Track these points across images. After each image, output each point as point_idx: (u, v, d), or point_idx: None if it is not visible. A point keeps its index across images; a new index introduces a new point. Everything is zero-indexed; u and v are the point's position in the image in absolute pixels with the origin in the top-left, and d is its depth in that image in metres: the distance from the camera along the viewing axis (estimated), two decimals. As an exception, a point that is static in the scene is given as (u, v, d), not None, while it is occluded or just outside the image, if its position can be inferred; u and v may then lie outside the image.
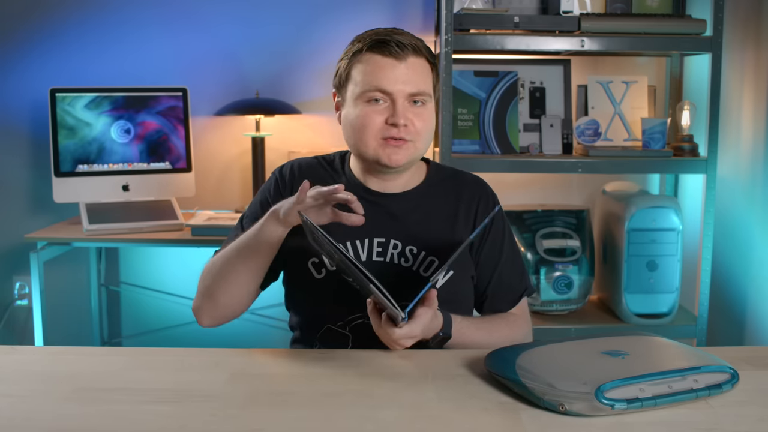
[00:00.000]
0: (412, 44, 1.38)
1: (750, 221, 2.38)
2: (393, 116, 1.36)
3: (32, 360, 1.28)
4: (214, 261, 1.43)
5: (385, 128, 1.37)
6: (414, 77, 1.38)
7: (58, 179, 2.59)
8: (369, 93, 1.37)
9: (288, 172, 1.49)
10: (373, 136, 1.38)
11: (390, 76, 1.36)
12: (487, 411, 1.05)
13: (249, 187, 2.85)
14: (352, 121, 1.40)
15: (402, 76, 1.36)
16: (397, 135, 1.37)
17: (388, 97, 1.37)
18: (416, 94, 1.38)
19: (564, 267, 2.48)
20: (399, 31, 1.40)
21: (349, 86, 1.41)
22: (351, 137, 1.42)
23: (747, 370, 1.18)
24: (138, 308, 2.95)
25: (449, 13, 2.34)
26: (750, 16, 2.39)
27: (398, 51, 1.36)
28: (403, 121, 1.36)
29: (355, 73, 1.39)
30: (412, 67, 1.37)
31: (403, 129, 1.37)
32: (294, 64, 2.82)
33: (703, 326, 2.43)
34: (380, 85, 1.36)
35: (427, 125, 1.40)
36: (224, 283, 1.40)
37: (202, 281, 1.44)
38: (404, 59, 1.37)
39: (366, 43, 1.38)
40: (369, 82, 1.37)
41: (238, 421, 1.01)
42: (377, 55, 1.37)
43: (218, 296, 1.41)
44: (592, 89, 2.68)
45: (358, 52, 1.39)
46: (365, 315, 1.40)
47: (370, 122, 1.37)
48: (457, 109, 2.54)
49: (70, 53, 2.83)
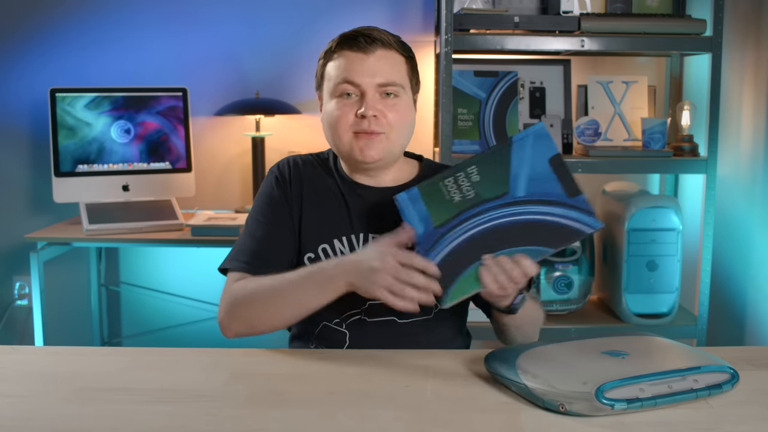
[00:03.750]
0: (380, 38, 1.39)
1: (750, 221, 2.38)
2: (361, 108, 1.37)
3: (32, 360, 1.27)
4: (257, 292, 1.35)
5: (356, 121, 1.38)
6: (383, 68, 1.38)
7: (58, 179, 2.59)
8: (339, 86, 1.39)
9: (286, 168, 1.49)
10: (344, 130, 1.39)
11: (358, 69, 1.38)
12: (487, 411, 1.05)
13: (249, 187, 2.85)
14: (327, 118, 1.42)
15: (370, 68, 1.38)
16: (367, 128, 1.37)
17: (358, 89, 1.38)
18: (386, 84, 1.38)
19: (564, 267, 2.48)
20: (372, 29, 1.42)
21: (324, 84, 1.44)
22: (328, 134, 1.44)
23: (747, 370, 1.18)
24: (138, 308, 2.95)
25: (449, 13, 2.34)
26: (750, 16, 2.39)
27: (366, 44, 1.38)
28: (371, 112, 1.36)
29: (328, 70, 1.42)
30: (381, 58, 1.38)
31: (373, 120, 1.37)
32: (294, 64, 2.83)
33: (703, 326, 2.43)
34: (348, 77, 1.38)
35: (401, 117, 1.40)
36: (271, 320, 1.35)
37: (241, 308, 1.35)
38: (372, 52, 1.38)
39: (336, 40, 1.41)
40: (338, 76, 1.39)
41: (238, 421, 1.01)
42: (346, 50, 1.39)
43: (260, 327, 1.36)
44: (592, 89, 2.68)
45: (330, 51, 1.42)
46: (361, 311, 1.41)
47: (341, 116, 1.38)
48: (457, 109, 2.54)
49: (70, 53, 2.83)
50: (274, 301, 1.33)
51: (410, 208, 1.28)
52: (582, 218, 1.22)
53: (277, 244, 1.43)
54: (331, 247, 1.43)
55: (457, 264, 1.24)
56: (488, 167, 1.27)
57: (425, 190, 1.28)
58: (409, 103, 1.43)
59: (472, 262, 1.23)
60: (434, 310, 1.43)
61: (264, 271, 1.38)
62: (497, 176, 1.26)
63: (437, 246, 1.24)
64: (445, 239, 1.24)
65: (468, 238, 1.24)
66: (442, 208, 1.26)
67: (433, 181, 1.28)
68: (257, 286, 1.35)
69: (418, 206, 1.27)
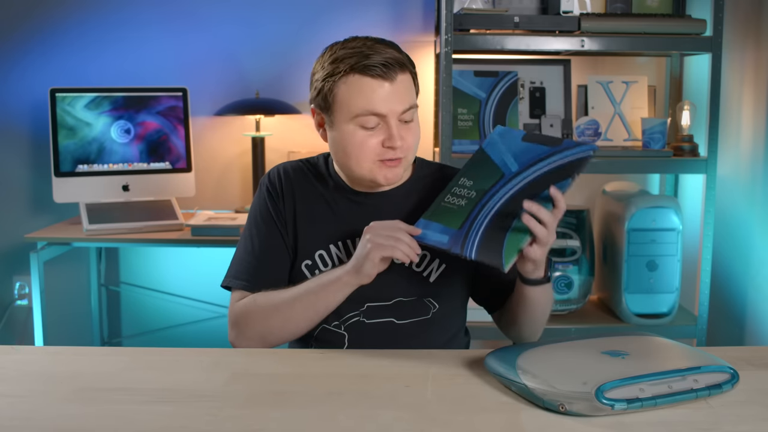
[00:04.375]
0: (397, 61, 1.35)
1: (750, 221, 2.38)
2: (390, 139, 1.35)
3: (32, 360, 1.27)
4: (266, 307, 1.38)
5: (382, 151, 1.36)
6: (403, 94, 1.36)
7: (58, 179, 2.59)
8: (362, 118, 1.34)
9: (276, 178, 1.48)
10: (367, 159, 1.37)
11: (380, 99, 1.33)
12: (487, 411, 1.05)
13: (249, 187, 2.85)
14: (344, 145, 1.38)
15: (392, 96, 1.34)
16: (393, 156, 1.37)
17: (381, 119, 1.35)
18: (407, 110, 1.37)
19: (564, 267, 2.48)
20: (378, 47, 1.36)
21: (336, 109, 1.36)
22: (342, 159, 1.40)
23: (747, 370, 1.18)
24: (138, 308, 2.95)
25: (449, 13, 2.34)
26: (750, 16, 2.39)
27: (385, 71, 1.33)
28: (400, 143, 1.36)
29: (343, 96, 1.35)
30: (400, 83, 1.35)
31: (399, 149, 1.37)
32: (294, 64, 2.83)
33: (703, 326, 2.43)
34: (373, 109, 1.33)
35: (416, 137, 1.41)
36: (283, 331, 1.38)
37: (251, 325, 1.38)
38: (393, 79, 1.34)
39: (350, 64, 1.33)
40: (361, 107, 1.34)
41: (238, 421, 1.01)
42: (365, 77, 1.33)
43: (273, 340, 1.39)
44: (592, 89, 2.68)
45: (339, 72, 1.34)
46: (360, 313, 1.41)
47: (365, 147, 1.36)
48: (457, 109, 2.54)
49: (70, 53, 2.83)
50: (283, 312, 1.36)
51: (427, 231, 1.30)
52: (577, 150, 1.27)
53: (274, 257, 1.44)
54: (328, 253, 1.43)
55: (496, 235, 1.25)
56: (475, 170, 1.33)
57: (431, 215, 1.32)
58: (418, 118, 1.43)
59: (508, 225, 1.25)
60: (433, 311, 1.43)
61: (264, 285, 1.41)
62: (487, 171, 1.32)
63: (469, 237, 1.26)
64: (473, 229, 1.26)
65: (492, 216, 1.26)
66: (454, 216, 1.30)
67: (435, 205, 1.33)
68: (265, 300, 1.39)
69: (432, 226, 1.30)
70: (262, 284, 1.42)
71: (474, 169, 1.34)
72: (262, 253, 1.44)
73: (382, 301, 1.41)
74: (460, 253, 1.25)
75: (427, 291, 1.43)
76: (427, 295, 1.42)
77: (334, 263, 1.42)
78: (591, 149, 1.26)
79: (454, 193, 1.33)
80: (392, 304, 1.41)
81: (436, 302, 1.43)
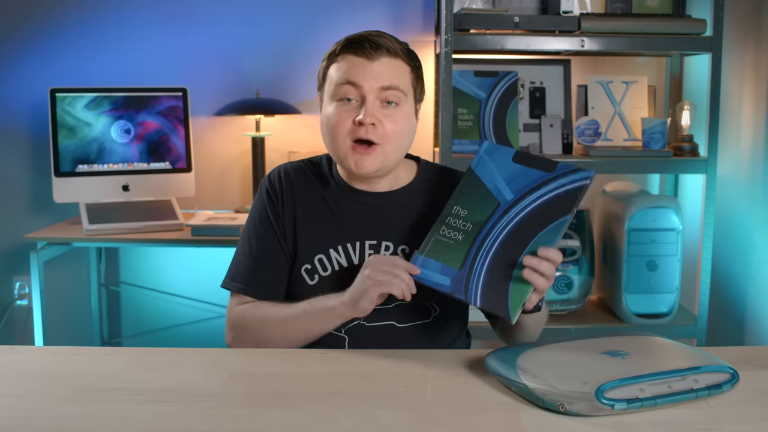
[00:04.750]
0: (387, 45, 1.38)
1: (750, 221, 2.38)
2: (360, 115, 1.35)
3: (32, 360, 1.27)
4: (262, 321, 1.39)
5: (354, 129, 1.36)
6: (386, 73, 1.37)
7: (58, 179, 2.59)
8: (340, 87, 1.37)
9: (276, 180, 1.48)
10: (342, 137, 1.37)
11: (360, 72, 1.36)
12: (487, 411, 1.05)
13: (249, 187, 2.85)
14: (326, 123, 1.40)
15: (373, 73, 1.36)
16: (364, 136, 1.35)
17: (358, 92, 1.36)
18: (388, 87, 1.36)
19: (564, 267, 2.48)
20: (379, 33, 1.40)
21: (325, 86, 1.42)
22: (326, 138, 1.42)
23: (747, 370, 1.18)
24: (138, 308, 2.95)
25: (449, 13, 2.34)
26: (750, 16, 2.39)
27: (371, 50, 1.36)
28: (370, 120, 1.34)
29: (330, 72, 1.40)
30: (385, 65, 1.37)
31: (371, 129, 1.35)
32: (294, 64, 2.83)
33: (703, 326, 2.43)
34: (350, 78, 1.36)
35: (399, 128, 1.38)
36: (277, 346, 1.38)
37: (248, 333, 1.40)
38: (377, 58, 1.37)
39: (342, 43, 1.40)
40: (339, 76, 1.37)
41: (237, 421, 1.01)
42: (350, 54, 1.37)
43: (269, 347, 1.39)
44: (592, 89, 2.68)
45: (334, 53, 1.40)
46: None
47: (339, 122, 1.37)
48: (457, 109, 2.54)
49: (70, 53, 2.83)
50: (279, 329, 1.37)
51: (426, 271, 1.29)
52: (573, 178, 1.25)
53: (273, 260, 1.44)
54: (327, 257, 1.43)
55: (498, 284, 1.24)
56: (468, 197, 1.32)
57: (428, 251, 1.30)
58: (410, 112, 1.41)
59: (509, 273, 1.24)
60: (433, 314, 1.43)
61: (262, 288, 1.42)
62: (481, 199, 1.30)
63: (471, 282, 1.25)
64: (474, 272, 1.26)
65: (492, 257, 1.25)
66: (452, 253, 1.28)
67: (430, 239, 1.31)
68: (263, 314, 1.39)
69: (431, 265, 1.29)
70: (259, 287, 1.42)
71: (467, 195, 1.32)
72: (260, 255, 1.44)
73: (382, 305, 1.40)
74: (464, 299, 1.25)
75: (427, 294, 1.43)
76: (428, 299, 1.42)
77: (334, 268, 1.42)
78: (588, 176, 1.24)
79: (449, 225, 1.30)
80: (393, 307, 1.41)
81: (437, 306, 1.43)
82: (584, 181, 1.24)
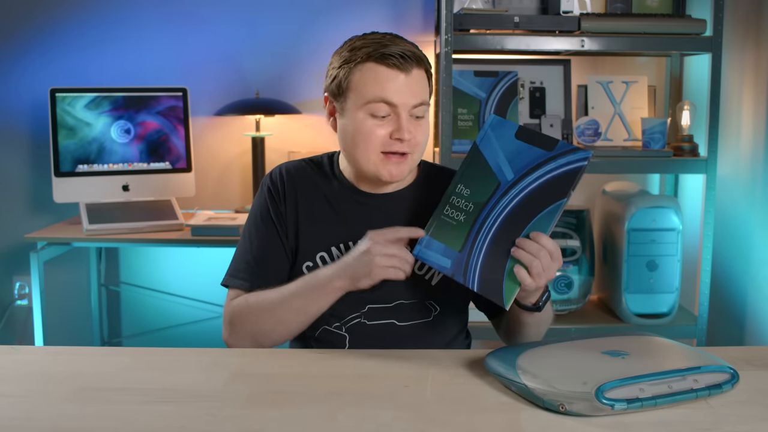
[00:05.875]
0: (414, 55, 1.36)
1: (750, 221, 2.38)
2: (398, 131, 1.34)
3: (32, 360, 1.27)
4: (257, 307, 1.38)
5: (389, 143, 1.36)
6: (417, 89, 1.36)
7: (58, 179, 2.59)
8: (373, 105, 1.34)
9: (278, 178, 1.47)
10: (374, 150, 1.36)
11: (394, 89, 1.34)
12: (487, 411, 1.05)
13: (249, 187, 2.85)
14: (353, 134, 1.37)
15: (406, 88, 1.35)
16: (400, 149, 1.36)
17: (392, 109, 1.35)
18: (419, 104, 1.36)
19: (564, 267, 2.48)
20: (398, 40, 1.38)
21: (350, 96, 1.37)
22: (350, 148, 1.39)
23: (747, 370, 1.18)
24: (138, 308, 2.95)
25: (449, 13, 2.34)
26: (750, 16, 2.39)
27: (402, 62, 1.34)
28: (408, 136, 1.35)
29: (357, 83, 1.35)
30: (415, 78, 1.36)
31: (406, 143, 1.36)
32: (294, 64, 2.83)
33: (703, 326, 2.43)
34: (386, 97, 1.34)
35: (425, 136, 1.40)
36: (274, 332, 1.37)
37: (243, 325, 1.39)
38: (409, 71, 1.35)
39: (368, 52, 1.35)
40: (373, 93, 1.34)
41: (238, 421, 1.01)
42: (381, 65, 1.34)
43: (264, 341, 1.39)
44: (592, 89, 2.68)
45: (356, 59, 1.35)
46: (361, 315, 1.41)
47: (372, 136, 1.35)
48: (457, 109, 2.54)
49: (70, 53, 2.83)
50: (275, 313, 1.36)
51: (430, 252, 1.30)
52: (571, 158, 1.25)
53: (274, 258, 1.44)
54: (329, 255, 1.43)
55: (496, 267, 1.24)
56: (471, 177, 1.32)
57: (433, 230, 1.32)
58: (429, 118, 1.43)
59: (505, 259, 1.25)
60: (434, 313, 1.43)
61: (262, 285, 1.41)
62: (483, 178, 1.30)
63: (470, 265, 1.26)
64: (474, 254, 1.26)
65: (489, 241, 1.26)
66: (454, 234, 1.29)
67: (434, 218, 1.32)
68: (257, 301, 1.38)
69: (435, 246, 1.30)
70: (260, 284, 1.41)
71: (470, 172, 1.33)
72: (261, 253, 1.43)
73: (383, 303, 1.41)
74: (463, 282, 1.26)
75: (428, 293, 1.43)
76: (429, 298, 1.42)
77: None
78: (586, 157, 1.24)
79: (452, 204, 1.32)
80: (393, 306, 1.41)
81: (438, 305, 1.43)
82: (581, 162, 1.25)
